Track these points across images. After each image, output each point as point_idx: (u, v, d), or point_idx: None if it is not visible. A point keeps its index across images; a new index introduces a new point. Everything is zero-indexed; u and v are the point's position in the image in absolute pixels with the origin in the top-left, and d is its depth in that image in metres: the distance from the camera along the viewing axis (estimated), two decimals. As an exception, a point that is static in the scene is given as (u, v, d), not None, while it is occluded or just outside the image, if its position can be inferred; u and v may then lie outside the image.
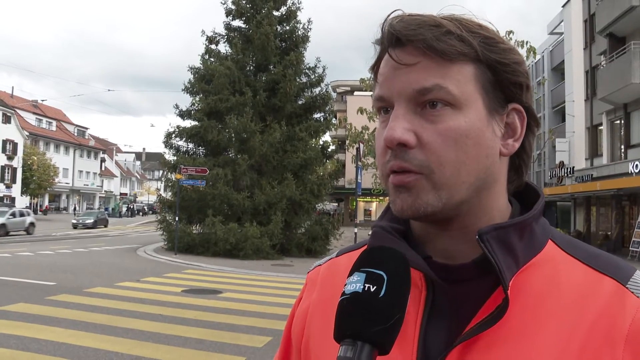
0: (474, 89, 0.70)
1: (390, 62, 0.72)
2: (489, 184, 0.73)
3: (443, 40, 0.68)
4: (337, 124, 31.66)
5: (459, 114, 0.69)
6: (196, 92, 22.47)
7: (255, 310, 9.65)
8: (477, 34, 0.70)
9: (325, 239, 21.79)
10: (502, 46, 0.72)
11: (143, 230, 38.52)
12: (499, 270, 0.67)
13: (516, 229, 0.72)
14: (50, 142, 65.60)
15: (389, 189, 0.73)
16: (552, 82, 36.87)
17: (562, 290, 0.70)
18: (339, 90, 58.87)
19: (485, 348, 0.67)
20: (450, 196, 0.70)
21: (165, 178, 23.50)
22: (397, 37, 0.70)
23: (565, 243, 0.76)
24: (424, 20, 0.70)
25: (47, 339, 7.10)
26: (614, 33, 23.79)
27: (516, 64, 0.72)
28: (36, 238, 27.31)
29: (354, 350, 0.59)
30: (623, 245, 23.21)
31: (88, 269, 14.75)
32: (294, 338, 0.89)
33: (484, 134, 0.71)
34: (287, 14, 23.25)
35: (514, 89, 0.73)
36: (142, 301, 10.12)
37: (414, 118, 0.70)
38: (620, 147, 24.70)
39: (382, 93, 0.73)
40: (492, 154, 0.72)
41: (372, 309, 0.61)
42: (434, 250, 0.77)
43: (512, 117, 0.74)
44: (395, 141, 0.69)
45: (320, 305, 0.85)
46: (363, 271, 0.64)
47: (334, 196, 48.10)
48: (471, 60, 0.70)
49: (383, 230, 0.78)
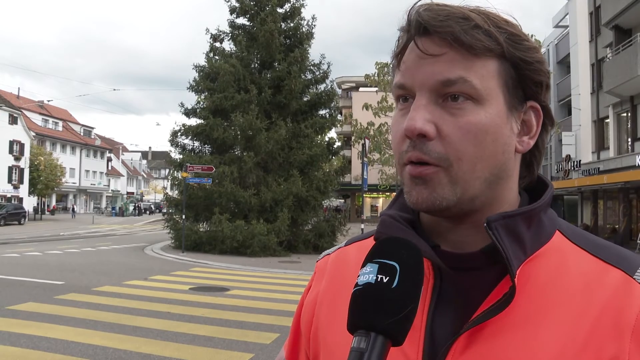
0: (496, 84, 0.70)
1: (415, 51, 0.71)
2: (503, 179, 0.74)
3: (470, 33, 0.68)
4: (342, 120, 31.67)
5: (480, 108, 0.69)
6: (201, 90, 22.47)
7: (262, 307, 9.67)
8: (503, 30, 0.70)
9: (332, 235, 21.78)
10: (527, 44, 0.72)
11: (150, 228, 38.64)
12: (506, 258, 0.67)
13: (524, 218, 0.72)
14: (57, 142, 65.83)
15: (405, 179, 0.73)
16: (557, 75, 36.66)
17: (569, 280, 0.70)
18: (344, 86, 58.76)
19: (491, 335, 0.68)
20: (465, 191, 0.70)
21: (171, 176, 23.54)
22: (424, 26, 0.70)
23: (573, 234, 0.76)
24: (453, 12, 0.69)
25: (56, 338, 7.14)
26: (620, 25, 23.62)
27: (539, 63, 0.73)
28: (44, 238, 27.44)
29: (367, 342, 0.59)
30: (631, 238, 23.10)
31: (96, 268, 14.81)
32: (303, 327, 0.89)
33: (502, 130, 0.71)
34: (291, 11, 23.21)
35: (534, 88, 0.74)
36: (150, 299, 10.16)
37: (435, 109, 0.70)
38: (627, 140, 24.56)
39: (404, 81, 0.73)
40: (508, 151, 0.73)
41: (385, 300, 0.61)
42: (442, 240, 0.77)
43: (529, 114, 0.75)
44: (416, 131, 0.69)
45: (329, 294, 0.85)
46: (376, 262, 0.64)
47: (340, 192, 48.05)
48: (496, 56, 0.70)
49: (391, 219, 0.78)
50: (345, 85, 59.00)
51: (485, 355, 0.67)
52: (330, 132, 25.71)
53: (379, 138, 25.65)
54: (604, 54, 26.23)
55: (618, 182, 22.60)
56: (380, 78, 26.57)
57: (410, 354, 0.71)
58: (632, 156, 22.33)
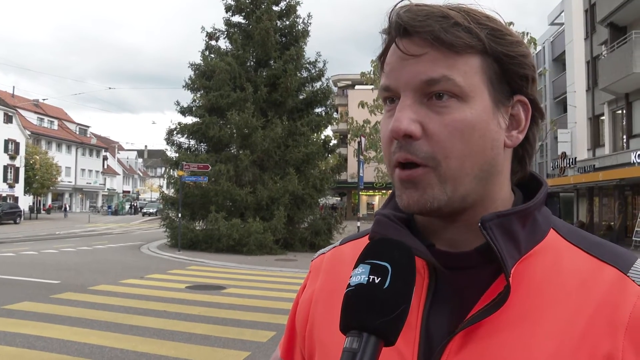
0: (480, 80, 0.70)
1: (397, 53, 0.71)
2: (493, 175, 0.74)
3: (450, 32, 0.68)
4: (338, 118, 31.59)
5: (465, 105, 0.69)
6: (197, 88, 22.43)
7: (259, 306, 9.67)
8: (484, 26, 0.70)
9: (328, 233, 21.82)
10: (509, 38, 0.72)
11: (146, 227, 38.57)
12: (500, 258, 0.67)
13: (518, 217, 0.72)
14: (52, 141, 65.64)
15: (395, 182, 0.74)
16: (553, 72, 36.79)
17: (564, 278, 0.70)
18: (340, 84, 58.77)
19: (487, 335, 0.68)
20: (455, 189, 0.70)
21: (167, 175, 23.50)
22: (404, 27, 0.70)
23: (567, 232, 0.76)
24: (432, 11, 0.70)
25: (52, 337, 7.13)
26: (615, 23, 23.67)
27: (523, 57, 0.73)
28: (40, 237, 27.36)
29: (360, 342, 0.59)
30: (626, 235, 23.19)
31: (92, 267, 14.78)
32: (298, 325, 0.89)
33: (489, 125, 0.71)
34: (286, 9, 23.18)
35: (519, 81, 0.73)
36: (146, 298, 10.15)
37: (420, 109, 0.70)
38: (622, 137, 24.64)
39: (388, 83, 0.73)
40: (496, 146, 0.73)
41: (377, 301, 0.61)
42: (438, 239, 0.77)
43: (517, 108, 0.75)
44: (402, 132, 0.69)
45: (325, 292, 0.85)
46: (368, 263, 0.64)
47: (336, 190, 48.07)
48: (478, 52, 0.70)
49: (386, 219, 0.78)
50: (341, 83, 59.02)
51: (480, 354, 0.67)
52: (326, 130, 25.72)
53: (374, 136, 25.64)
54: (599, 52, 26.29)
55: (613, 179, 22.67)
56: (376, 76, 26.52)
57: (406, 353, 0.71)
58: (627, 153, 22.40)
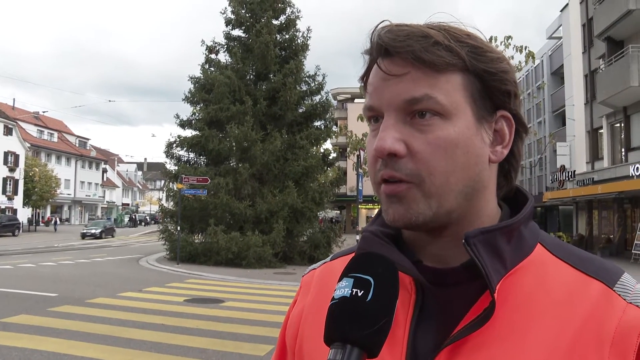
0: (462, 98, 0.71)
1: (380, 73, 0.73)
2: (479, 190, 0.74)
3: (431, 51, 0.69)
4: (337, 132, 31.69)
5: (448, 123, 0.70)
6: (196, 101, 22.53)
7: (257, 319, 9.63)
8: (465, 44, 0.71)
9: (327, 247, 21.72)
10: (490, 55, 0.73)
11: (145, 240, 38.51)
12: (485, 274, 0.68)
13: (503, 233, 0.72)
14: (52, 154, 65.72)
15: (381, 197, 0.74)
16: (551, 86, 36.97)
17: (551, 293, 0.70)
18: (340, 97, 58.96)
19: (473, 350, 0.68)
20: (440, 204, 0.71)
21: (166, 188, 23.51)
22: (385, 48, 0.71)
23: (555, 246, 0.76)
24: (412, 31, 0.71)
25: (49, 350, 7.09)
26: (612, 37, 23.83)
27: (504, 73, 0.73)
28: (38, 249, 27.29)
29: (343, 354, 0.60)
30: (626, 248, 23.17)
31: (90, 280, 14.73)
32: (288, 341, 0.89)
33: (472, 142, 0.72)
34: (286, 23, 23.34)
35: (502, 97, 0.74)
36: (144, 311, 10.10)
37: (404, 128, 0.71)
38: (620, 150, 24.70)
39: (372, 103, 0.74)
40: (481, 162, 0.73)
41: (360, 313, 0.62)
42: (425, 255, 0.77)
43: (501, 124, 0.75)
44: (386, 151, 0.70)
45: (314, 308, 0.86)
46: (351, 276, 0.65)
47: (335, 204, 48.07)
48: (459, 70, 0.71)
49: (372, 235, 0.79)
50: (341, 97, 59.20)
51: None
52: (325, 143, 25.72)
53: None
54: (597, 65, 26.43)
55: (612, 192, 22.69)
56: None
57: None
58: (626, 166, 22.45)
